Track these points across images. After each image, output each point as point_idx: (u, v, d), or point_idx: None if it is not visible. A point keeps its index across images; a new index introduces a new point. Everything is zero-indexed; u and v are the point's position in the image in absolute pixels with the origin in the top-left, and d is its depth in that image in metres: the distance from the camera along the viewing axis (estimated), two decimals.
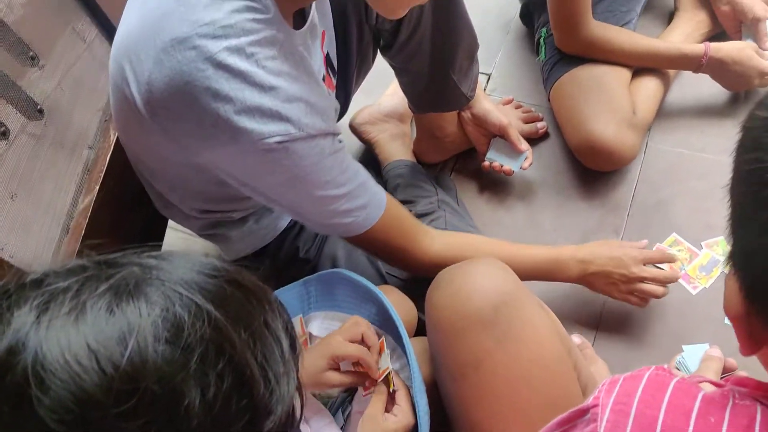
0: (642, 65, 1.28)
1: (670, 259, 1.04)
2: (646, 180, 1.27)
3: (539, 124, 1.34)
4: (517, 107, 1.37)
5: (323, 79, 0.89)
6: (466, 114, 1.22)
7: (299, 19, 0.78)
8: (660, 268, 1.08)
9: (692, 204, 1.23)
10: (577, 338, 1.10)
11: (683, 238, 1.20)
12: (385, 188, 1.25)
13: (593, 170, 1.27)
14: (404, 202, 1.20)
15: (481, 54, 1.45)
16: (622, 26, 1.30)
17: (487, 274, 0.74)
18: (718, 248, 1.18)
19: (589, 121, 1.20)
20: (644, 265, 1.01)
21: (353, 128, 1.35)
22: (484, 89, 1.44)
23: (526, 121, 1.34)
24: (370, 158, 1.36)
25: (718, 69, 1.23)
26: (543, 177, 1.31)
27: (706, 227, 1.20)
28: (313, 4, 0.80)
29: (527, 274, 0.92)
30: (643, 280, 1.00)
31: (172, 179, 0.85)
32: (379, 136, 1.33)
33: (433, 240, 0.92)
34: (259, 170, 0.72)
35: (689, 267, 1.17)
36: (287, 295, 0.85)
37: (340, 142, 0.78)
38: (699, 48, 1.22)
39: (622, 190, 1.27)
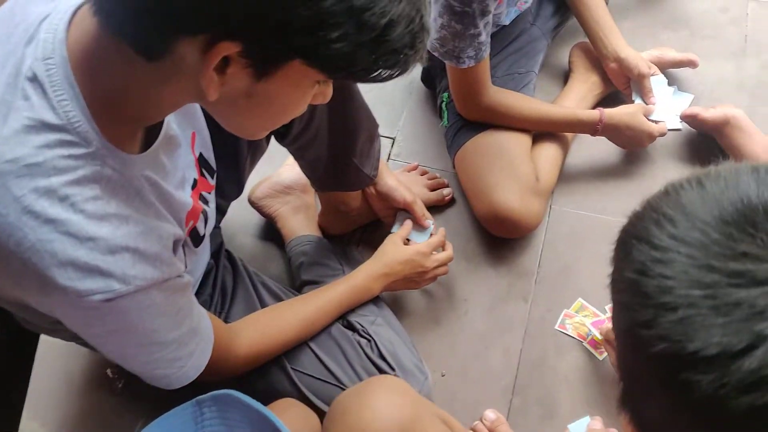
0: (542, 130, 1.31)
1: (441, 243, 1.15)
2: (551, 244, 1.29)
3: (445, 191, 1.34)
4: (423, 173, 1.37)
5: (194, 185, 0.82)
6: (371, 190, 1.20)
7: (153, 135, 0.70)
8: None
9: (595, 267, 1.25)
10: (491, 413, 1.08)
11: (589, 302, 1.22)
12: (289, 264, 1.24)
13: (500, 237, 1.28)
14: (309, 282, 1.19)
15: (384, 117, 1.47)
16: (522, 88, 1.33)
17: (383, 405, 0.71)
18: None
19: (494, 191, 1.21)
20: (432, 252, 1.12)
21: (252, 203, 1.30)
22: (388, 154, 1.44)
23: (432, 188, 1.34)
24: (272, 232, 1.31)
25: (612, 133, 1.29)
26: (453, 244, 1.27)
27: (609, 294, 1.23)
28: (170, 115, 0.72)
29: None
30: (435, 268, 1.12)
31: (11, 303, 0.77)
32: (280, 209, 1.29)
33: (240, 341, 0.90)
34: (76, 321, 0.66)
35: (595, 333, 1.18)
36: (179, 416, 0.77)
37: (180, 277, 0.71)
38: (594, 114, 1.26)
39: (528, 255, 1.28)
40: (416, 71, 1.48)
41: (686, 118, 1.34)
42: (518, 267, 1.27)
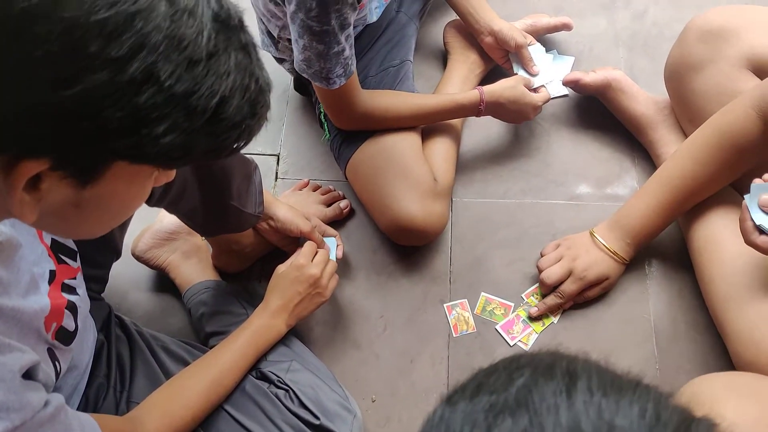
0: (425, 124, 1.27)
1: (314, 249, 1.11)
2: (459, 239, 1.27)
3: (342, 204, 1.28)
4: (315, 189, 1.31)
5: (51, 279, 0.74)
6: (263, 225, 1.13)
7: None
8: None
9: (506, 255, 1.25)
10: None
11: (504, 291, 1.21)
12: (190, 316, 1.16)
13: None
14: (215, 334, 1.12)
15: (263, 134, 1.38)
16: (399, 81, 1.29)
17: None
18: (533, 299, 1.21)
19: (393, 202, 1.17)
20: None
21: (138, 258, 1.21)
22: (275, 174, 1.37)
23: (328, 203, 1.28)
24: (167, 282, 1.22)
25: (496, 110, 1.26)
26: (358, 259, 1.26)
27: (524, 277, 1.23)
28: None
29: None
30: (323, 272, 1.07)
31: None
32: (169, 258, 1.20)
33: (145, 429, 0.85)
34: None
35: (503, 323, 1.19)
36: None
37: (44, 407, 0.62)
38: (474, 95, 1.23)
39: (438, 256, 1.26)
40: (285, 79, 1.41)
41: (569, 83, 1.33)
42: (430, 270, 1.24)
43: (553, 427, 0.32)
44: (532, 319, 1.18)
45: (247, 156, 1.08)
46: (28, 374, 0.64)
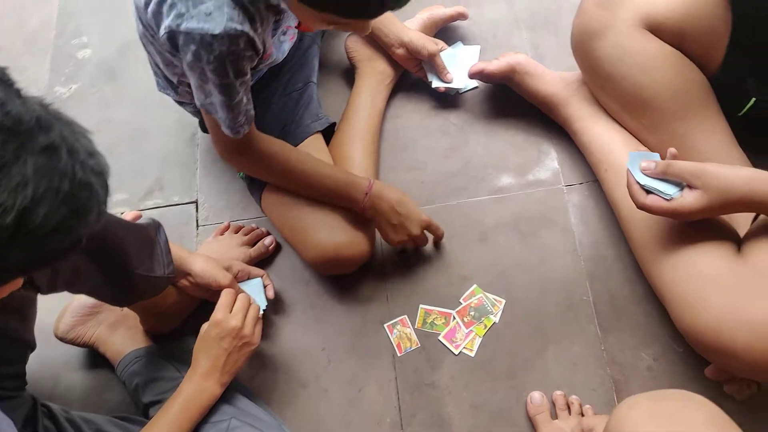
0: (309, 193, 1.15)
1: (232, 300, 1.06)
2: (391, 255, 1.25)
3: (266, 241, 1.25)
4: (237, 230, 1.28)
5: None
6: (182, 283, 1.10)
7: None
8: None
9: (439, 262, 1.23)
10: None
11: (441, 299, 1.19)
12: (126, 388, 1.13)
13: None
14: (153, 403, 1.09)
15: (178, 182, 1.36)
16: (304, 104, 1.25)
17: None
18: (473, 298, 1.19)
19: (314, 234, 1.14)
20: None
21: (62, 339, 1.17)
22: (196, 221, 1.33)
23: (252, 243, 1.25)
24: (99, 359, 1.18)
25: (377, 209, 1.13)
26: (291, 295, 1.23)
27: (460, 280, 1.21)
28: None
29: None
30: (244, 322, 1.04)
31: None
32: (96, 333, 1.16)
33: None
34: None
35: (445, 332, 1.17)
36: None
37: None
38: (363, 181, 1.13)
39: (372, 276, 1.23)
40: (193, 122, 1.37)
41: (474, 75, 1.31)
42: (366, 292, 1.22)
43: None
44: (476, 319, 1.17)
45: (166, 211, 1.05)
46: None
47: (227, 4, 0.88)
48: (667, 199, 0.91)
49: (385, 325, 1.19)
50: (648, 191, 0.93)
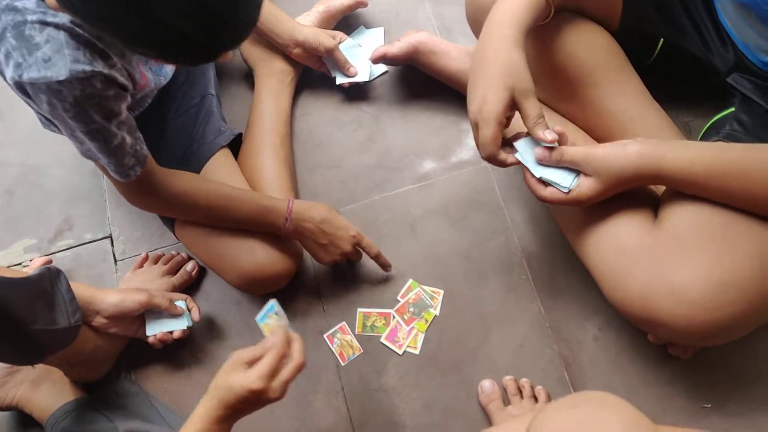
0: (228, 223, 1.08)
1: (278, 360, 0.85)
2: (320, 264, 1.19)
3: (188, 267, 1.20)
4: (156, 260, 1.21)
5: None
6: (98, 322, 1.04)
7: None
8: None
9: (371, 263, 1.17)
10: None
11: (378, 299, 1.15)
12: None
13: None
14: None
15: (88, 216, 1.29)
16: (203, 118, 1.18)
17: None
18: (411, 293, 1.15)
19: (235, 257, 1.08)
20: None
21: None
22: (114, 258, 1.26)
23: (173, 271, 1.19)
24: (26, 420, 1.11)
25: (302, 231, 1.08)
26: (224, 317, 1.19)
27: (396, 277, 1.16)
28: None
29: None
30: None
31: None
32: (18, 394, 1.10)
33: None
34: None
35: (386, 333, 1.13)
36: None
37: None
38: (281, 204, 1.07)
39: (305, 288, 1.18)
40: None
41: (378, 60, 1.26)
42: (300, 305, 1.17)
43: None
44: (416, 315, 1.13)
45: (79, 250, 0.97)
46: None
47: (67, 45, 0.79)
48: (564, 192, 0.88)
49: (325, 336, 1.14)
50: (547, 183, 0.89)
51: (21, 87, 0.83)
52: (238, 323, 1.18)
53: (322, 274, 1.19)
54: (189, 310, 1.11)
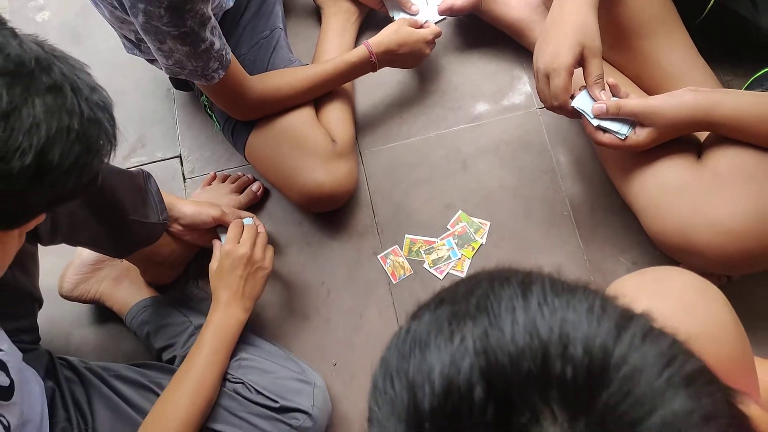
0: (323, 93, 1.25)
1: (239, 232, 1.10)
2: (377, 190, 1.29)
3: (254, 187, 1.29)
4: (224, 179, 1.31)
5: None
6: (175, 228, 1.13)
7: None
8: None
9: (423, 193, 1.28)
10: None
11: (427, 228, 1.25)
12: (137, 337, 1.18)
13: None
14: (165, 348, 1.14)
15: (159, 138, 1.38)
16: (274, 50, 1.27)
17: None
18: (459, 225, 1.24)
19: (296, 175, 1.18)
20: None
21: (68, 298, 1.20)
22: (182, 175, 1.36)
23: (240, 190, 1.29)
24: (107, 313, 1.23)
25: (390, 59, 1.24)
26: (286, 235, 1.28)
27: (445, 208, 1.26)
28: None
29: None
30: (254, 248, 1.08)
31: None
32: (100, 288, 1.20)
33: None
34: None
35: (429, 261, 1.23)
36: None
37: None
38: (362, 52, 1.21)
39: (361, 211, 1.28)
40: (166, 78, 1.37)
41: (444, 12, 1.33)
42: (357, 227, 1.27)
43: (511, 326, 0.34)
44: (461, 246, 1.23)
45: (151, 168, 1.07)
46: None
47: None
48: (621, 138, 0.96)
49: (378, 257, 1.24)
50: (604, 130, 0.97)
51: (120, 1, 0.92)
52: (299, 242, 1.27)
53: (379, 199, 1.28)
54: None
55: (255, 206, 1.29)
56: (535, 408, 0.31)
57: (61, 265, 1.21)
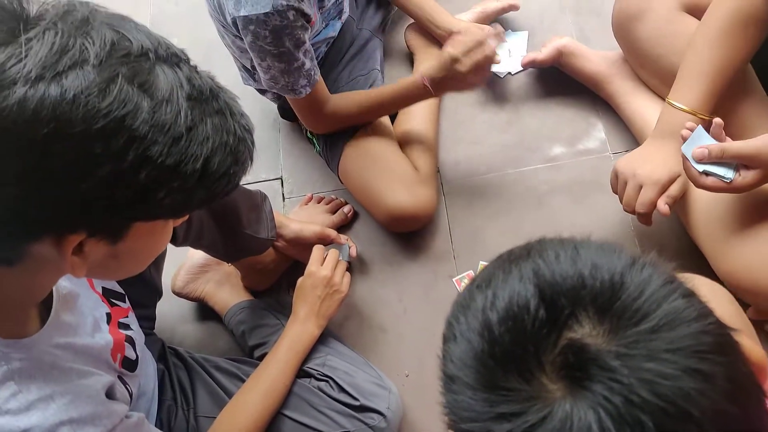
0: (388, 112, 1.38)
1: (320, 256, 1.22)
2: (456, 219, 1.39)
3: (345, 209, 1.42)
4: (319, 201, 1.44)
5: (109, 320, 0.88)
6: (280, 243, 1.27)
7: (48, 301, 0.75)
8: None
9: (499, 224, 1.37)
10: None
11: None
12: (233, 336, 1.30)
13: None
14: (257, 346, 1.26)
15: (264, 162, 1.53)
16: (369, 87, 1.41)
17: None
18: None
19: (383, 197, 1.30)
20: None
21: (178, 294, 1.35)
22: (282, 195, 1.50)
23: (333, 211, 1.42)
24: (208, 310, 1.36)
25: (445, 84, 1.26)
26: (370, 255, 1.39)
27: (518, 239, 1.34)
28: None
29: None
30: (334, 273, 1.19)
31: None
32: (205, 289, 1.34)
33: None
34: None
35: None
36: None
37: (127, 417, 0.77)
38: (414, 78, 1.28)
39: (440, 237, 1.38)
40: (274, 109, 1.53)
41: (527, 65, 1.45)
42: (435, 251, 1.37)
43: (555, 258, 0.46)
44: None
45: (254, 187, 1.21)
46: (108, 394, 0.78)
47: None
48: (727, 182, 0.96)
49: (453, 279, 1.33)
50: (708, 174, 0.97)
51: (234, 22, 1.11)
52: (381, 260, 1.38)
53: (457, 226, 1.38)
54: (349, 248, 1.31)
55: (345, 227, 1.41)
56: (575, 310, 0.43)
57: (174, 267, 1.36)
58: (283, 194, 1.50)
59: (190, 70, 0.62)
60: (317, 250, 1.21)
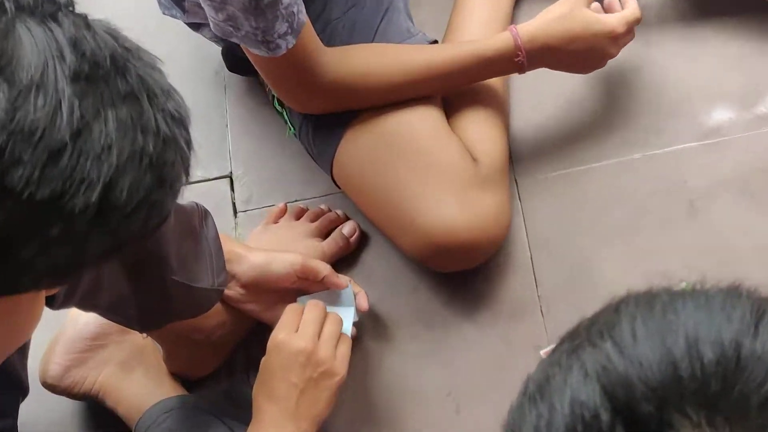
0: (430, 93, 1.30)
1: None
2: (542, 242, 1.32)
3: (346, 230, 1.34)
4: (299, 216, 1.36)
5: None
6: (231, 292, 1.20)
7: None
8: None
9: (622, 248, 1.28)
10: None
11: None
12: None
13: None
14: None
15: (202, 144, 1.38)
16: (383, 20, 1.35)
17: None
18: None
19: (415, 209, 1.22)
20: None
21: (52, 389, 1.27)
22: (233, 207, 1.42)
23: (324, 233, 1.34)
24: (105, 415, 1.27)
25: (548, 58, 1.26)
26: (392, 309, 1.32)
27: (658, 277, 1.21)
28: None
29: None
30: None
31: None
32: (101, 378, 1.26)
33: None
34: None
35: None
36: None
37: None
38: (503, 42, 1.24)
39: (515, 277, 1.31)
40: (216, 55, 1.44)
41: None
42: (507, 301, 1.28)
43: (631, 338, 0.47)
44: None
45: (186, 195, 1.12)
46: None
47: None
48: None
49: (542, 352, 1.23)
50: None
51: None
52: (413, 321, 1.30)
53: (545, 256, 1.29)
54: (354, 295, 1.23)
55: (346, 259, 1.33)
56: (667, 415, 0.43)
57: (45, 338, 1.26)
58: (234, 204, 1.43)
59: (76, 24, 0.58)
60: (290, 310, 1.15)
